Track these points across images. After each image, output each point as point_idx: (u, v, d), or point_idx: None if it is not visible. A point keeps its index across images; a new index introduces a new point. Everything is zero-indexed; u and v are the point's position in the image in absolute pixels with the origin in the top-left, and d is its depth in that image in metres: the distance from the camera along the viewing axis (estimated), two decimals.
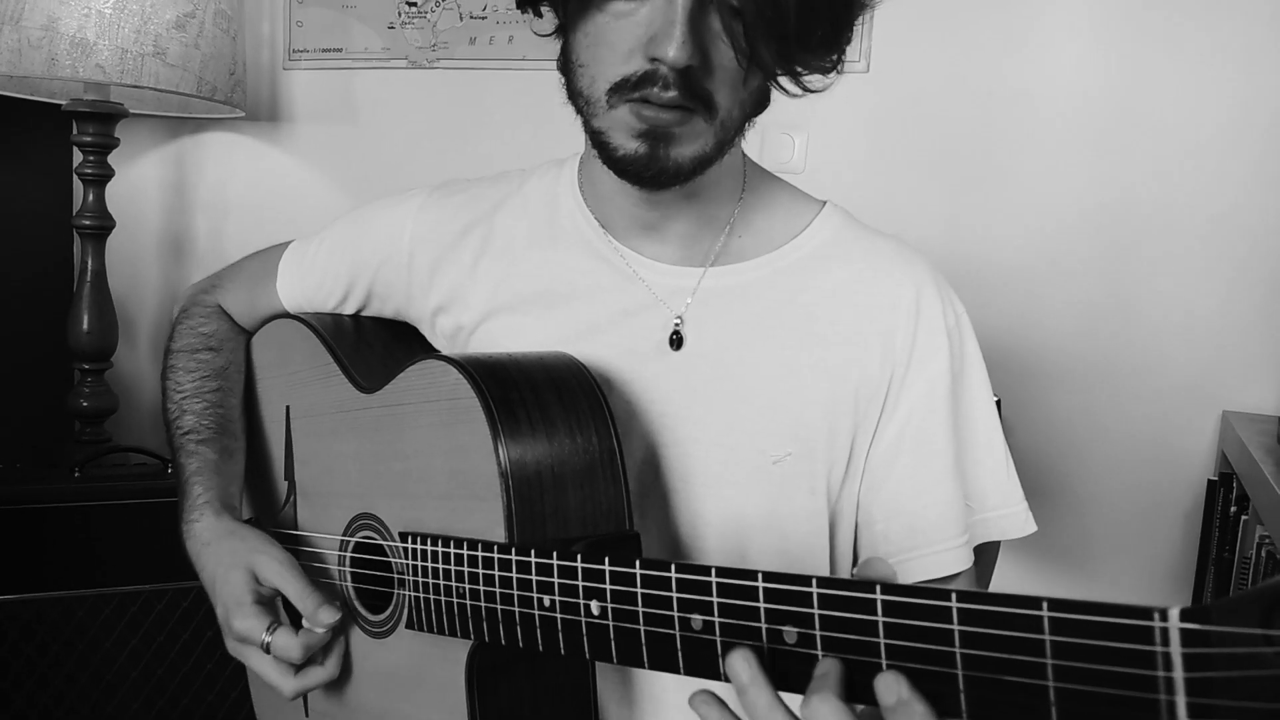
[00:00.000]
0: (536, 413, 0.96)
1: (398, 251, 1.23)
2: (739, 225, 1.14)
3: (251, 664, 1.12)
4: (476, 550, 0.91)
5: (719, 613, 0.71)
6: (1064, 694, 0.55)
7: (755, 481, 1.09)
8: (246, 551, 1.14)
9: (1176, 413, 2.23)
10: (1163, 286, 2.21)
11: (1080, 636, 0.54)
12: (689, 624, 0.72)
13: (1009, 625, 0.57)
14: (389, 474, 1.09)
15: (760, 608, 0.68)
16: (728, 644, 0.70)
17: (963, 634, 0.58)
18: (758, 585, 0.68)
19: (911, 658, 0.61)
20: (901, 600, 0.61)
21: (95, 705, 2.20)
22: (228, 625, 1.12)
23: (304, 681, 1.10)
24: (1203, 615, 0.50)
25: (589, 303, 1.14)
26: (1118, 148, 2.22)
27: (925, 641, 0.60)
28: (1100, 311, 2.25)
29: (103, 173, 2.43)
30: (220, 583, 1.14)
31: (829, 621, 0.65)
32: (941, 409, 1.11)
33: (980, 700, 0.58)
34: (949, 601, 0.59)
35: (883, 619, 0.62)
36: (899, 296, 1.11)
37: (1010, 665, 0.56)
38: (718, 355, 1.10)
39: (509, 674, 1.00)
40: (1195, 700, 0.50)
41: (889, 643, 0.62)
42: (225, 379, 1.33)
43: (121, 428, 2.64)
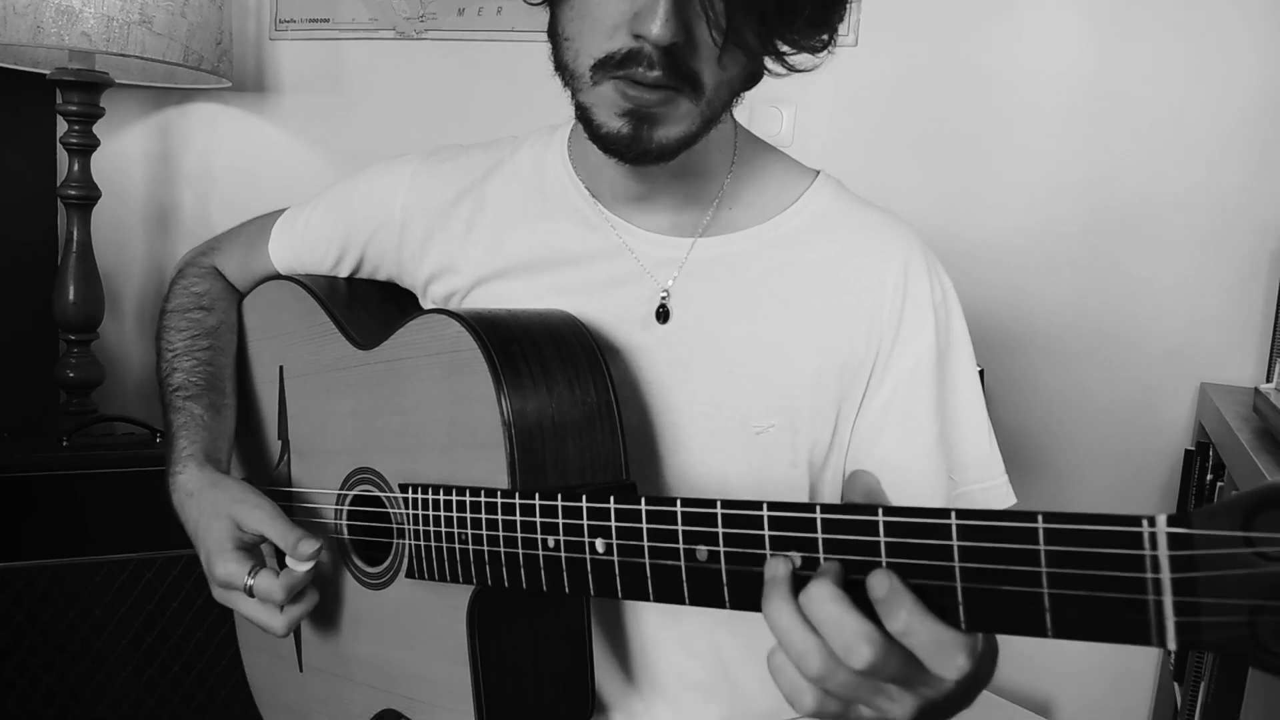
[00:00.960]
0: (537, 365, 0.98)
1: (390, 219, 1.24)
2: (729, 197, 1.15)
3: (238, 608, 1.14)
4: (480, 496, 0.93)
5: (724, 543, 0.73)
6: (1058, 599, 0.58)
7: (739, 451, 1.11)
8: (228, 501, 1.16)
9: (1156, 385, 2.26)
10: (1144, 262, 2.24)
11: (1073, 545, 0.57)
12: (694, 555, 0.75)
13: (1006, 538, 0.59)
14: (387, 428, 1.11)
15: (765, 535, 0.71)
16: (732, 572, 0.72)
17: (961, 549, 0.61)
18: (763, 514, 0.71)
19: (912, 574, 0.64)
20: (902, 520, 0.64)
21: (85, 673, 2.21)
22: (210, 572, 1.14)
23: (291, 615, 1.11)
24: (1187, 520, 0.53)
25: (578, 271, 1.15)
26: (1102, 125, 2.24)
27: (925, 558, 0.63)
28: (1082, 286, 2.28)
29: (88, 142, 2.42)
30: (203, 531, 1.16)
31: (832, 545, 0.67)
32: (926, 384, 1.13)
33: (979, 611, 0.61)
34: (948, 519, 0.62)
35: (885, 539, 0.64)
36: (887, 272, 1.12)
37: (1007, 575, 0.59)
38: (704, 327, 1.12)
39: (508, 619, 1.02)
40: (1181, 599, 0.54)
41: (890, 561, 0.64)
42: (216, 338, 1.34)
43: (108, 399, 2.64)
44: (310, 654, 1.27)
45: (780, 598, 0.70)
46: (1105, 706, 2.36)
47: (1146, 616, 0.55)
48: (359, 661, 1.18)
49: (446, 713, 1.05)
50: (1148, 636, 0.55)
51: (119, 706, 2.25)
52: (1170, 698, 2.19)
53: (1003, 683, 2.39)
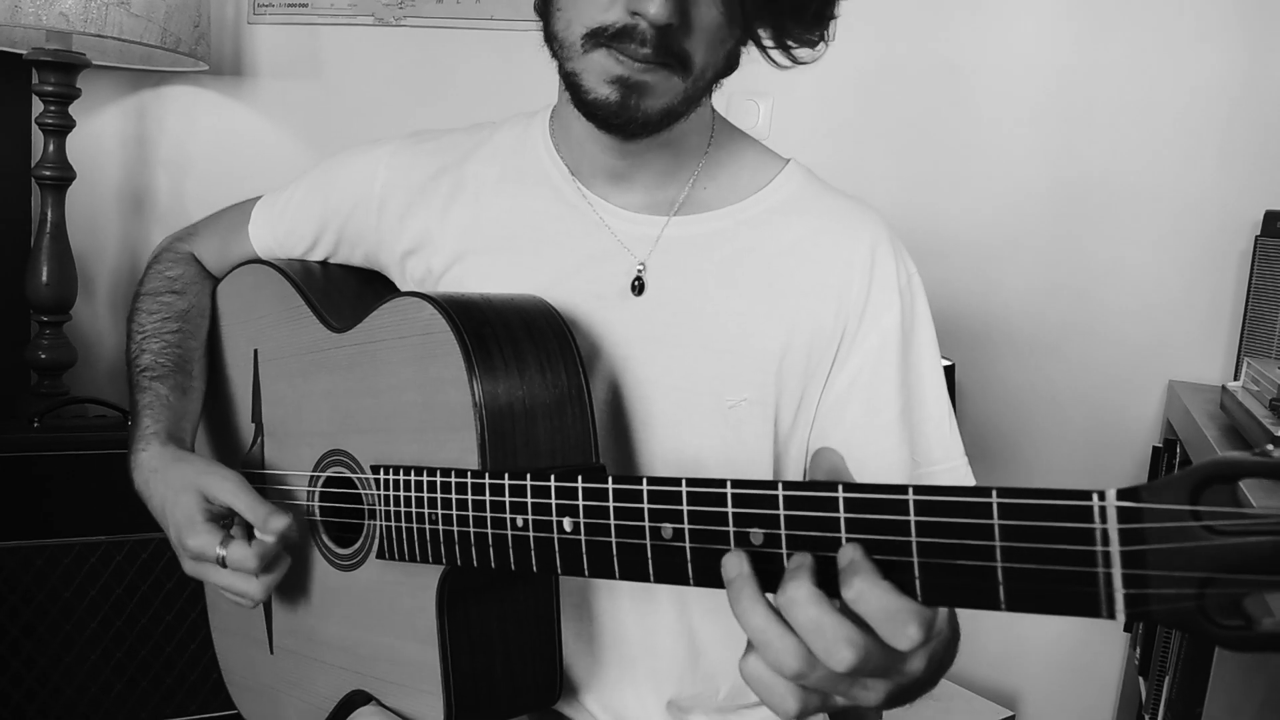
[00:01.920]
0: (509, 348, 0.99)
1: (369, 197, 1.25)
2: (704, 177, 1.18)
3: (211, 579, 1.14)
4: (450, 477, 0.94)
5: (689, 520, 0.74)
6: (1011, 573, 0.59)
7: (711, 425, 1.13)
8: (195, 474, 1.16)
9: (1124, 381, 2.28)
10: (1113, 261, 2.26)
11: (1026, 519, 0.58)
12: (659, 533, 0.75)
13: (961, 513, 0.61)
14: (360, 410, 1.11)
15: (729, 513, 0.72)
16: (696, 550, 0.73)
17: (919, 524, 0.62)
18: (726, 492, 0.72)
19: (873, 550, 0.65)
20: (861, 497, 0.65)
21: (53, 656, 2.21)
22: (181, 545, 1.14)
23: (268, 581, 1.12)
24: (1135, 495, 0.54)
25: (556, 248, 1.16)
26: (1073, 122, 2.26)
27: (883, 533, 0.64)
28: (1053, 283, 2.30)
29: (64, 123, 2.41)
30: (170, 506, 1.16)
31: (794, 521, 0.69)
32: (891, 362, 1.15)
33: (934, 585, 0.62)
34: (905, 495, 0.63)
35: (844, 515, 0.66)
36: (855, 253, 1.15)
37: (962, 550, 0.60)
38: (678, 302, 1.13)
39: (478, 599, 1.03)
40: (1130, 571, 0.55)
41: (850, 537, 0.66)
42: (186, 321, 1.35)
43: (79, 381, 2.63)
44: (281, 636, 1.27)
45: (750, 598, 0.70)
46: (1071, 701, 2.38)
47: (1096, 589, 0.56)
48: (330, 643, 1.19)
49: (416, 693, 1.06)
50: (1097, 608, 0.56)
51: (87, 690, 2.25)
52: (1135, 692, 2.21)
53: (970, 677, 2.41)
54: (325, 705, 1.20)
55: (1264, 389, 1.57)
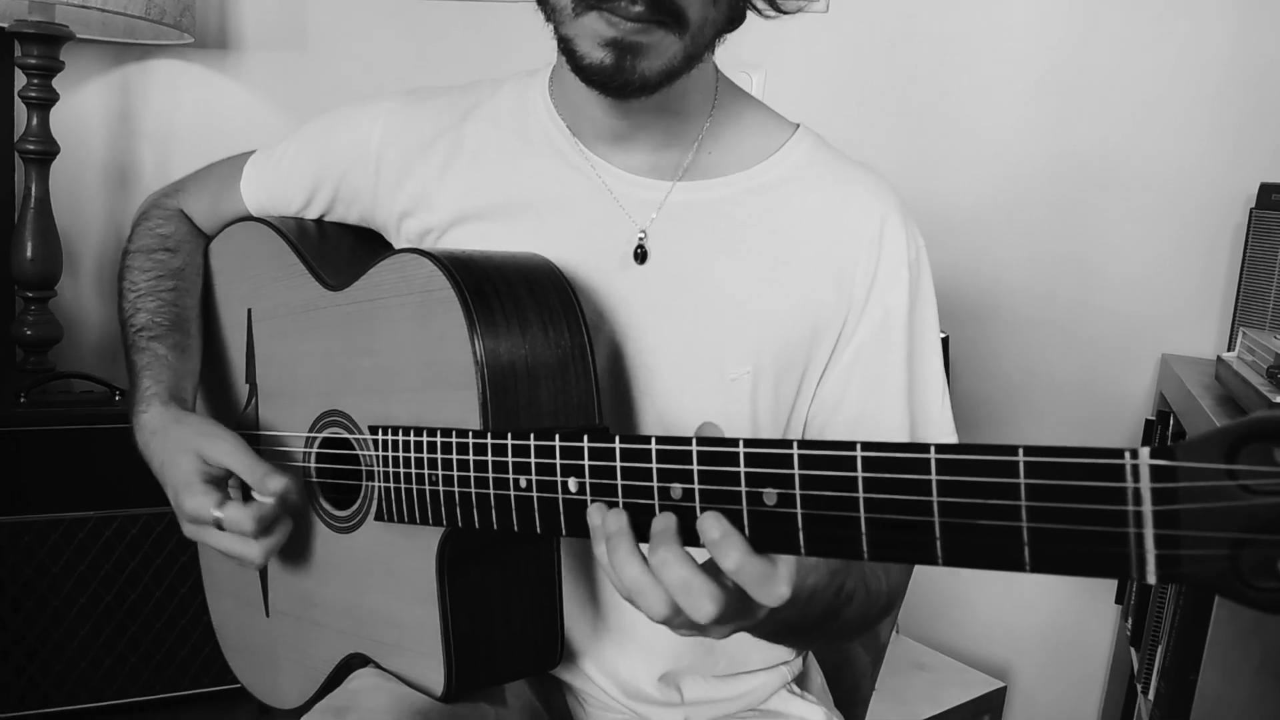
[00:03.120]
0: (510, 305, 0.97)
1: (365, 154, 1.22)
2: (708, 141, 1.15)
3: (209, 541, 1.12)
4: (451, 437, 0.92)
5: (699, 480, 0.73)
6: (1037, 534, 0.58)
7: (711, 397, 1.11)
8: (193, 436, 1.14)
9: (1116, 356, 2.28)
10: (1106, 235, 2.25)
11: (1054, 478, 0.57)
12: (668, 494, 0.74)
13: (986, 472, 0.59)
14: (357, 370, 1.10)
15: (740, 472, 0.70)
16: (707, 510, 0.72)
17: (940, 484, 0.61)
18: (738, 451, 0.70)
19: (889, 509, 0.63)
20: (881, 456, 0.64)
21: (41, 632, 2.20)
22: (179, 507, 1.13)
23: (268, 544, 1.10)
24: (1170, 453, 0.53)
25: (556, 211, 1.14)
26: (1066, 95, 2.25)
27: (903, 493, 0.63)
28: (1045, 258, 2.30)
29: (47, 96, 2.38)
30: (169, 467, 1.15)
31: (810, 481, 0.67)
32: (897, 338, 1.13)
33: (956, 546, 0.61)
34: (927, 454, 0.61)
35: (862, 474, 0.64)
36: (864, 225, 1.13)
37: (986, 510, 0.59)
38: (681, 270, 1.11)
39: (478, 561, 1.02)
40: (1162, 532, 0.54)
41: (870, 497, 0.64)
42: (181, 279, 1.33)
43: (65, 357, 2.60)
44: (277, 598, 1.26)
45: (627, 551, 0.76)
46: (1062, 673, 2.39)
47: (1127, 550, 0.55)
48: (327, 606, 1.18)
49: (415, 655, 1.05)
50: (1127, 569, 0.55)
51: (76, 665, 2.24)
52: (1126, 662, 2.21)
53: (962, 649, 2.42)
54: (322, 668, 1.19)
55: (1260, 358, 1.56)
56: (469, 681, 1.03)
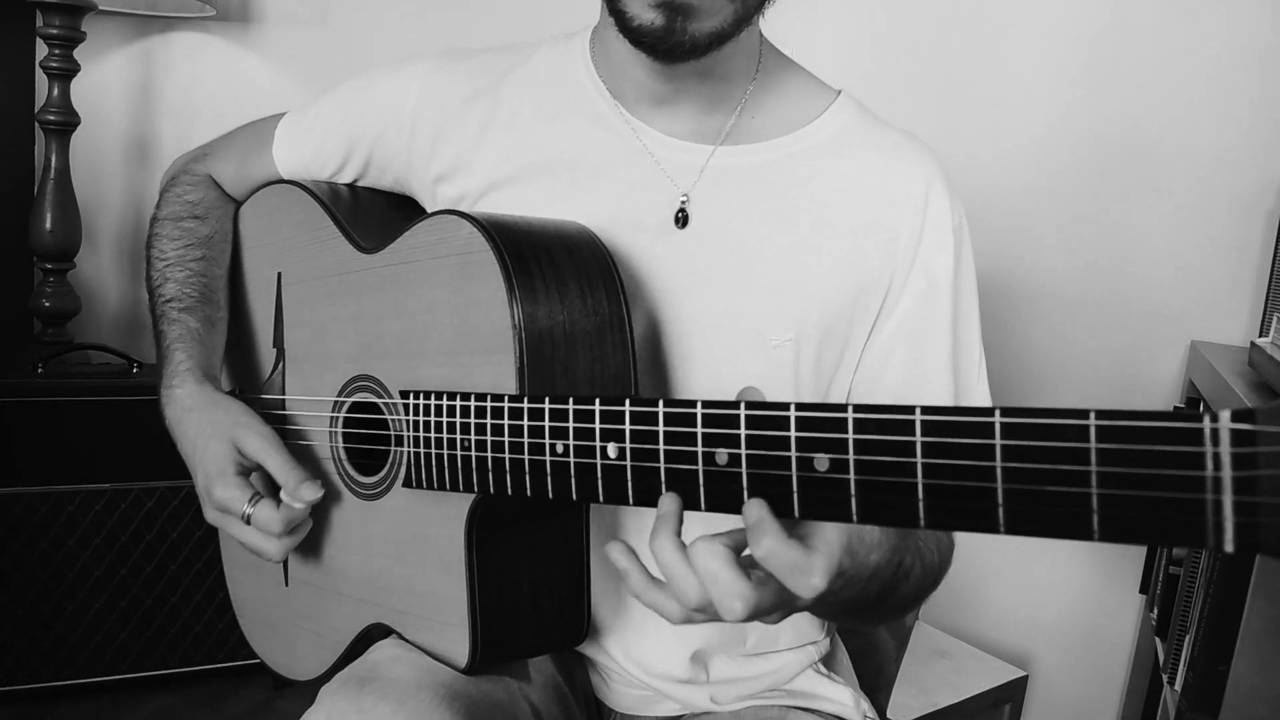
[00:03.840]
0: (550, 271, 0.95)
1: (400, 117, 1.20)
2: (751, 105, 1.13)
3: (233, 532, 1.12)
4: (486, 402, 0.90)
5: (746, 445, 0.70)
6: (1107, 500, 0.55)
7: (752, 364, 1.09)
8: (229, 424, 1.13)
9: (1145, 342, 2.25)
10: (1137, 219, 2.23)
11: (1127, 442, 0.54)
12: (713, 459, 0.72)
13: (1053, 436, 0.57)
14: (389, 334, 1.08)
15: (791, 437, 0.68)
16: (754, 476, 0.70)
17: (1005, 448, 0.58)
18: (789, 415, 0.68)
19: (949, 475, 0.61)
20: (941, 419, 0.61)
21: (56, 605, 2.19)
22: (208, 494, 1.12)
23: (288, 543, 1.10)
24: (1250, 417, 0.51)
25: (596, 176, 1.12)
26: (1097, 74, 2.22)
27: (964, 458, 0.60)
28: (1076, 242, 2.27)
29: (69, 67, 2.37)
30: (201, 451, 1.13)
31: (865, 446, 0.65)
32: (943, 306, 1.12)
33: (1020, 514, 0.58)
34: (991, 418, 0.59)
35: (921, 439, 0.62)
36: (909, 192, 1.11)
37: (1053, 475, 0.57)
38: (723, 235, 1.09)
39: (508, 531, 1.00)
40: (1241, 499, 0.51)
41: (928, 463, 0.62)
42: (210, 248, 1.31)
43: (83, 330, 2.60)
44: (297, 568, 1.24)
45: (668, 534, 0.76)
46: (1084, 662, 2.37)
47: (1204, 517, 0.52)
48: (348, 575, 1.16)
49: (440, 626, 1.03)
50: (1202, 537, 0.52)
51: (90, 639, 2.23)
52: (1150, 653, 2.19)
53: (984, 637, 2.39)
54: (342, 639, 1.17)
55: None
56: (493, 654, 1.01)
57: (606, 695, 1.22)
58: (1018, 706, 2.23)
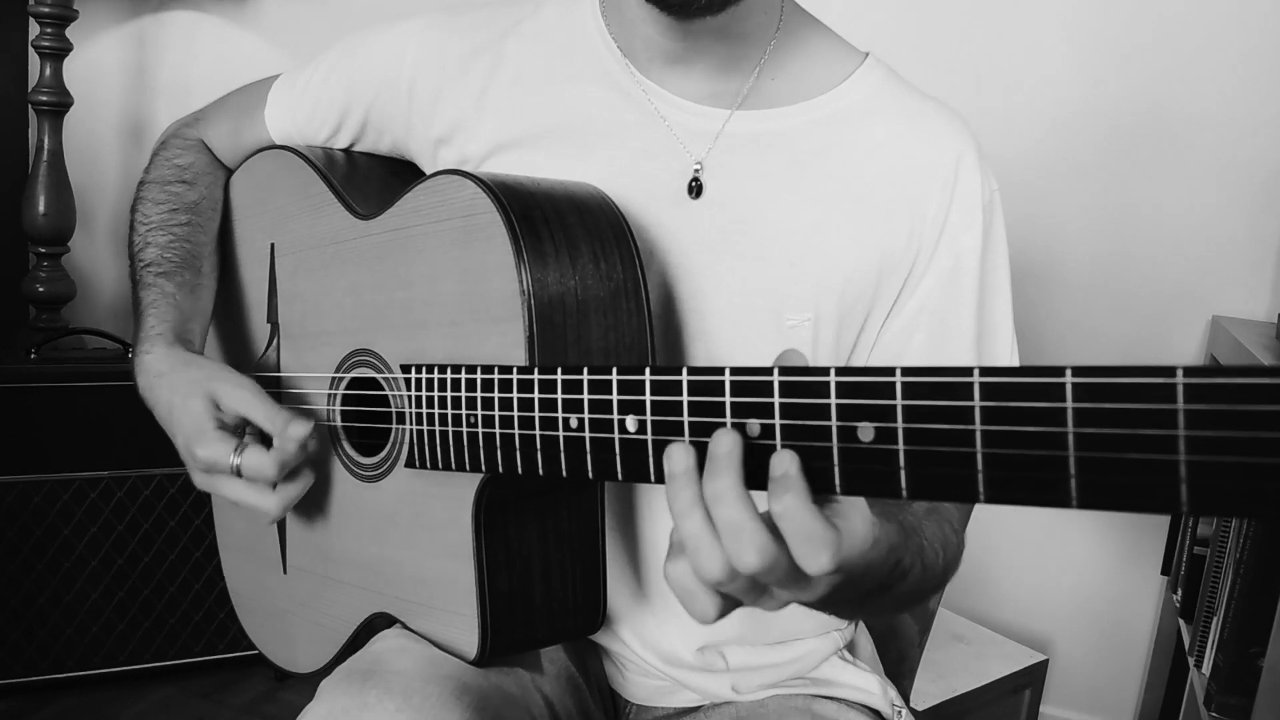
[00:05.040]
0: (560, 234, 0.89)
1: (398, 77, 1.14)
2: (771, 67, 1.06)
3: (224, 491, 1.05)
4: (493, 374, 0.84)
5: (781, 415, 0.64)
6: (1197, 469, 0.48)
7: (768, 343, 1.02)
8: (204, 379, 1.07)
9: (1166, 317, 2.20)
10: (1159, 194, 2.17)
11: (1222, 402, 0.48)
12: (745, 430, 0.66)
13: (1134, 398, 0.50)
14: (389, 305, 1.02)
15: (832, 404, 0.62)
16: (790, 448, 0.64)
17: (1078, 412, 0.52)
18: (829, 380, 0.62)
19: (1013, 443, 0.54)
20: (1006, 381, 0.55)
21: (52, 595, 2.14)
22: (190, 455, 1.06)
23: (286, 495, 1.04)
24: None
25: (605, 140, 1.06)
26: (1115, 48, 2.17)
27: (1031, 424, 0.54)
28: (1094, 215, 2.22)
29: (61, 46, 2.33)
30: (178, 412, 1.07)
31: (915, 413, 0.59)
32: (968, 286, 1.06)
33: (1095, 485, 0.51)
34: (1062, 378, 0.52)
35: (980, 403, 0.55)
36: (937, 164, 1.05)
37: (1135, 442, 0.50)
38: (738, 206, 1.03)
39: (518, 513, 0.94)
40: None
41: (987, 429, 0.55)
42: (196, 214, 1.25)
43: (78, 316, 2.56)
44: (295, 554, 1.19)
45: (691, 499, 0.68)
46: (1103, 645, 2.32)
47: None
48: (349, 562, 1.10)
49: (446, 615, 0.97)
50: None
51: (88, 630, 2.19)
52: (1171, 635, 2.15)
53: (1002, 621, 2.35)
54: (343, 629, 1.12)
55: None
56: (504, 644, 0.95)
57: (622, 686, 1.16)
58: (1038, 691, 2.18)
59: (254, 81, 1.30)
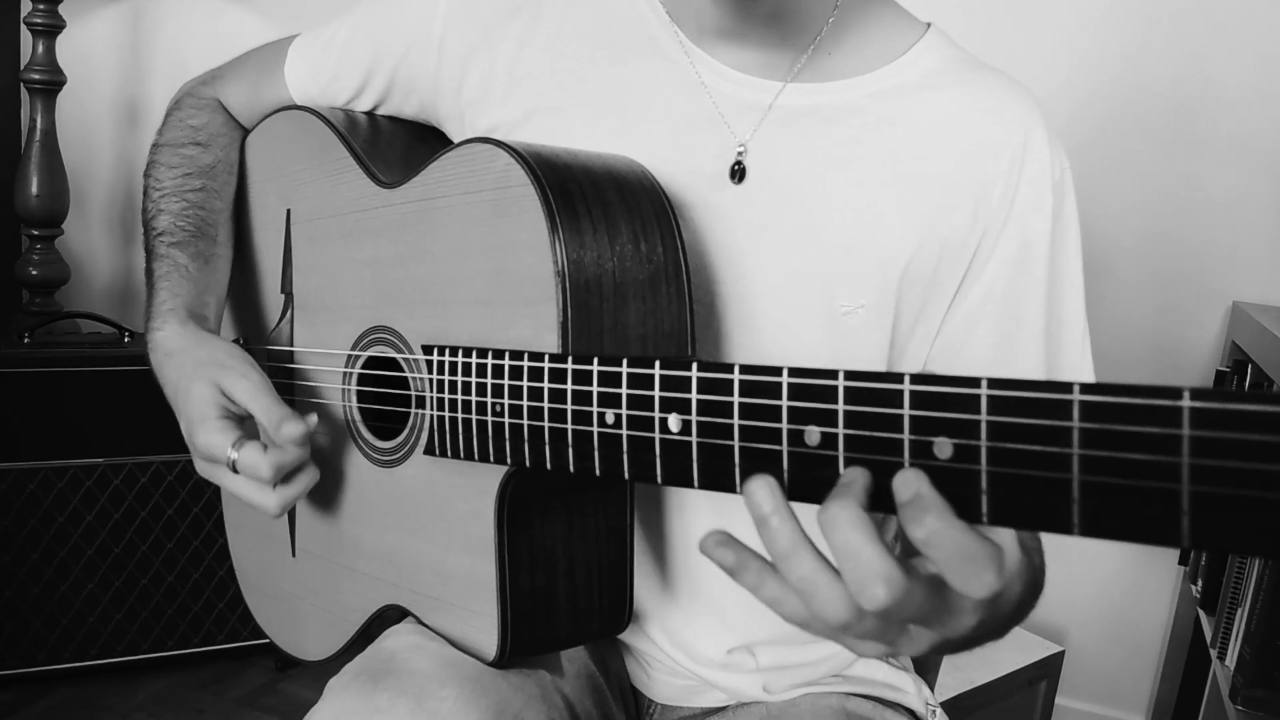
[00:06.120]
0: (598, 210, 0.83)
1: (427, 34, 1.07)
2: (829, 42, 1.00)
3: (224, 484, 1.00)
4: (522, 360, 0.79)
5: (845, 423, 0.59)
6: None
7: (821, 333, 0.97)
8: (213, 364, 1.02)
9: (1184, 302, 2.16)
10: (1179, 178, 2.13)
11: None
12: (801, 439, 0.61)
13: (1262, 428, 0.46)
14: (411, 279, 0.96)
15: (904, 416, 0.57)
16: (853, 460, 0.59)
17: (1195, 441, 0.47)
18: (903, 389, 0.57)
19: (1116, 472, 0.49)
20: (1110, 402, 0.49)
21: (48, 585, 2.11)
22: (191, 441, 1.01)
23: (286, 494, 0.98)
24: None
25: (646, 111, 1.00)
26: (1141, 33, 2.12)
27: (1140, 451, 0.49)
28: (1113, 200, 2.18)
29: (54, 23, 2.30)
30: (183, 396, 1.02)
31: (1002, 430, 0.53)
32: (1037, 273, 1.00)
33: (1210, 524, 0.46)
34: (1179, 400, 0.47)
35: (1080, 424, 0.50)
36: (1005, 141, 0.98)
37: (1259, 478, 0.45)
38: (789, 185, 0.97)
39: (543, 508, 0.89)
40: None
41: (1087, 455, 0.50)
42: (211, 178, 1.19)
43: (73, 299, 2.52)
44: (306, 538, 1.13)
45: (799, 543, 0.60)
46: (1120, 637, 2.30)
47: None
48: (362, 549, 1.05)
49: (464, 613, 0.92)
50: None
51: (84, 620, 2.15)
52: (1188, 627, 2.11)
53: None
54: (353, 619, 1.07)
55: None
56: (525, 645, 0.90)
57: (646, 685, 1.12)
58: (1053, 683, 2.15)
59: (273, 41, 1.24)
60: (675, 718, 1.12)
